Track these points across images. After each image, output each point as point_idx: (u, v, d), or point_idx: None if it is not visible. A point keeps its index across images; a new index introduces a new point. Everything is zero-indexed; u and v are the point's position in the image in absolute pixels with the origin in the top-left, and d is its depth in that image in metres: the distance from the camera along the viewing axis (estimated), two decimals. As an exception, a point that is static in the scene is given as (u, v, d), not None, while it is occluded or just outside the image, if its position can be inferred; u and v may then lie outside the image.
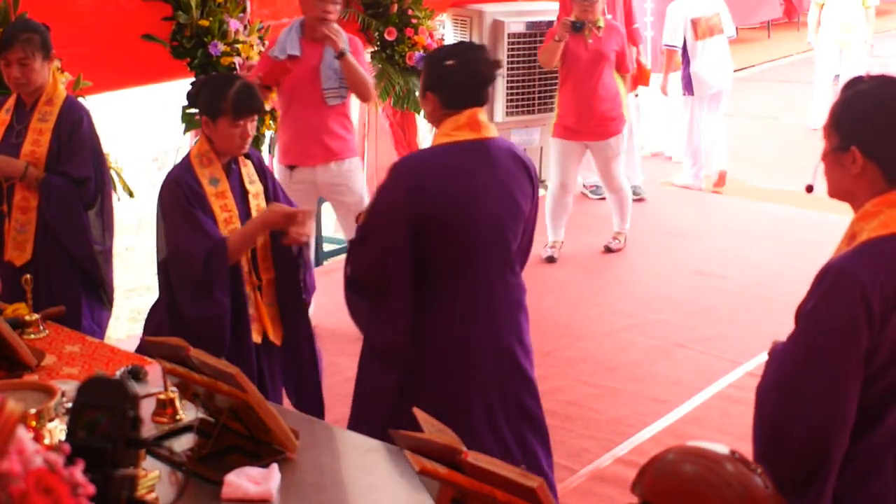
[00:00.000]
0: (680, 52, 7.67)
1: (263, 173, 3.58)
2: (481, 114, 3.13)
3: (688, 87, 7.82)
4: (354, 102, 5.82)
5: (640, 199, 7.58)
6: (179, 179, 3.38)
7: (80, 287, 4.12)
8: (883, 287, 2.16)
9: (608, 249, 6.68)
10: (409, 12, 6.52)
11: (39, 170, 3.98)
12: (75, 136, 4.00)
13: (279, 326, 3.56)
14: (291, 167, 5.21)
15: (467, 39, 6.96)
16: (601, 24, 6.24)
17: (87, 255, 4.10)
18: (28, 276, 3.24)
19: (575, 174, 6.64)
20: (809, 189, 2.46)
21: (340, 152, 5.20)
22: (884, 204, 2.22)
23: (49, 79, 4.03)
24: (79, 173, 4.02)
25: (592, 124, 6.31)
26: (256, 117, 3.43)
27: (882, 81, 2.28)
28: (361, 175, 5.41)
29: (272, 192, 3.57)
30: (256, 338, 3.49)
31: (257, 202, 3.49)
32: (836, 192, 2.32)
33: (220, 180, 3.42)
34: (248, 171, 3.52)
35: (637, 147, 7.88)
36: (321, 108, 5.12)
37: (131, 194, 4.81)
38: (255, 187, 3.50)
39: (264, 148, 5.57)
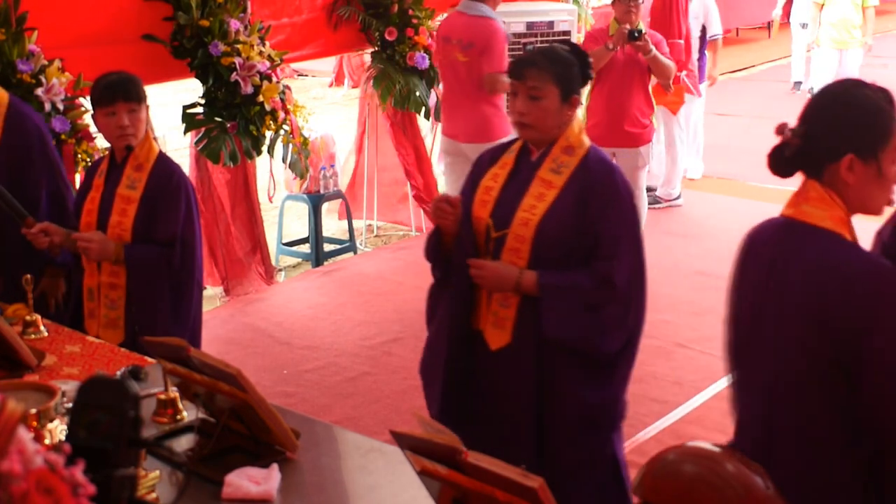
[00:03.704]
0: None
1: (164, 186, 3.49)
2: None
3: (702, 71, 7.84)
4: (355, 106, 5.81)
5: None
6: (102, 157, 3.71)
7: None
8: None
9: None
10: (410, 12, 6.51)
11: None
12: None
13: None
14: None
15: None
16: (641, 27, 6.08)
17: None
18: (28, 276, 3.24)
19: None
20: None
21: None
22: None
23: None
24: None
25: (624, 130, 6.19)
26: (136, 106, 3.42)
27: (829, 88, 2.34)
28: None
29: (154, 205, 3.48)
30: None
31: (124, 206, 3.48)
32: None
33: (102, 174, 3.59)
34: (138, 175, 3.49)
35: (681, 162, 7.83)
36: None
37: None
38: (130, 192, 3.49)
39: (264, 149, 5.56)
